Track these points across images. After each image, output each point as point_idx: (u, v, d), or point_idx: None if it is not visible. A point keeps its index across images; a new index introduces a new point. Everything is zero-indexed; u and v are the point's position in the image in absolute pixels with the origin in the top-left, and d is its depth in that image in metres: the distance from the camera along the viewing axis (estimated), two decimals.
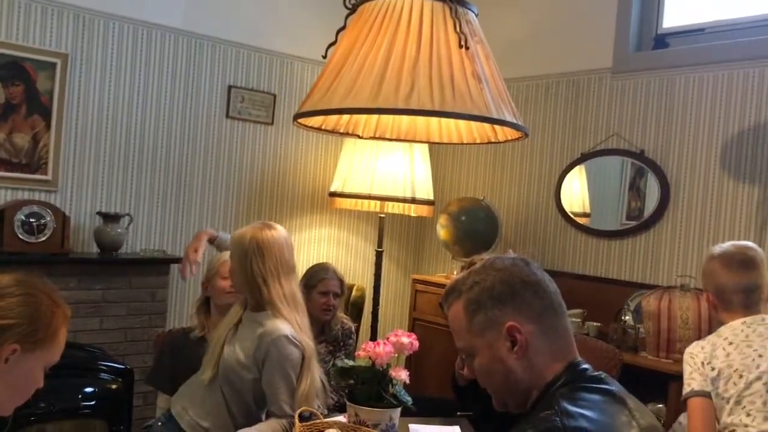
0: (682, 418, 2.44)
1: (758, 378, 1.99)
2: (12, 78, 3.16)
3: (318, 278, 2.96)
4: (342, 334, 3.04)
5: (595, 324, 3.35)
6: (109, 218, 3.35)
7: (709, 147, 3.32)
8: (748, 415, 1.97)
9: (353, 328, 3.12)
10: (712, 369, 2.07)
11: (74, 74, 3.34)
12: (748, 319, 2.11)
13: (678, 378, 2.77)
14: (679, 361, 2.92)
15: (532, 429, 1.12)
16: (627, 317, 3.27)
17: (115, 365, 3.09)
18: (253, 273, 2.16)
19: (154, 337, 3.12)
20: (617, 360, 2.76)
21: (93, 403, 2.93)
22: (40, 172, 3.26)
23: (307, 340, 2.19)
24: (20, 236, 3.04)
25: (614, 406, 1.18)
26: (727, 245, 2.22)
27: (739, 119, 3.22)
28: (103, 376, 3.04)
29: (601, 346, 2.87)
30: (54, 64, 3.25)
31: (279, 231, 2.23)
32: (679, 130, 3.42)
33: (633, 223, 3.58)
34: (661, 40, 3.60)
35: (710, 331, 2.92)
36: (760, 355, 2.01)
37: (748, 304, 2.14)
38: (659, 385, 2.85)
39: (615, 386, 1.24)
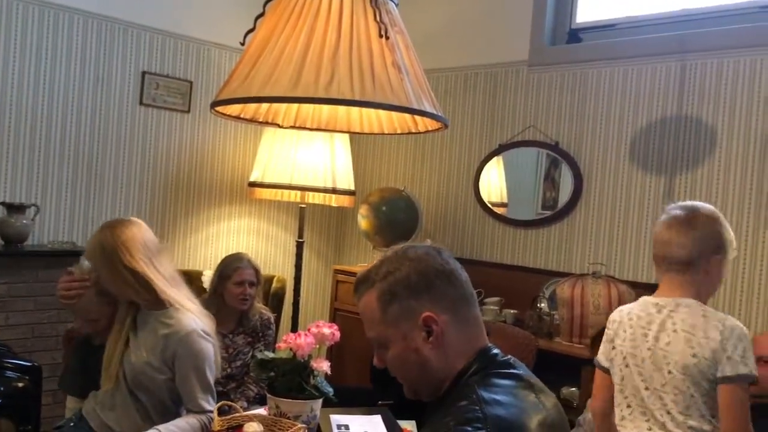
0: (588, 415, 2.50)
1: (642, 382, 1.91)
2: None
3: (232, 268, 2.91)
4: (261, 325, 3.00)
5: (512, 311, 3.44)
6: (14, 209, 3.18)
7: (619, 139, 3.44)
8: (629, 406, 1.94)
9: (272, 319, 3.09)
10: (613, 348, 2.01)
11: None
12: (661, 301, 1.94)
13: (590, 363, 2.88)
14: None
15: (453, 420, 1.12)
16: (542, 304, 3.37)
17: (22, 362, 2.95)
18: (129, 272, 2.05)
19: (63, 332, 2.99)
20: (533, 346, 2.84)
21: None
22: None
23: (206, 319, 2.16)
24: None
25: (524, 390, 1.22)
26: (680, 203, 2.00)
27: (647, 113, 3.36)
28: (9, 374, 2.89)
29: (517, 333, 2.95)
30: None
31: (127, 221, 2.14)
32: (591, 123, 3.54)
33: (548, 212, 3.68)
34: (575, 35, 3.71)
35: None
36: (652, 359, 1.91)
37: (662, 263, 1.96)
38: (572, 370, 2.95)
39: (522, 370, 1.27)
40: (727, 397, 1.82)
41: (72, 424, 2.17)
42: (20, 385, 2.88)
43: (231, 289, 2.89)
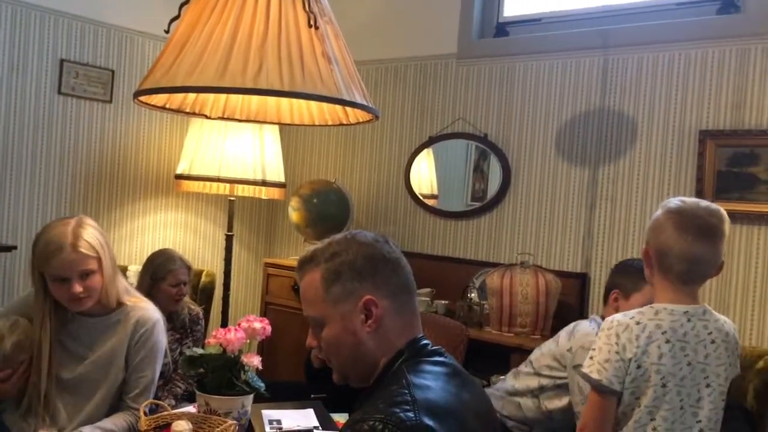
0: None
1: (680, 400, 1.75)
2: None
3: (166, 270, 2.84)
4: (189, 321, 2.94)
5: (443, 302, 3.47)
6: None
7: (545, 132, 3.52)
8: (654, 429, 1.74)
9: (201, 314, 3.03)
10: (638, 367, 1.74)
11: None
12: (690, 309, 1.77)
13: (519, 351, 2.95)
14: (520, 335, 3.11)
15: (383, 403, 1.14)
16: (472, 294, 3.42)
17: None
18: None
19: None
20: (464, 335, 2.88)
21: None
22: None
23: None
24: None
25: (451, 377, 1.26)
26: (690, 202, 1.82)
27: (572, 106, 3.44)
28: None
29: (449, 323, 2.98)
30: None
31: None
32: (519, 115, 3.60)
33: (477, 204, 3.73)
34: (502, 29, 3.77)
35: (548, 306, 3.14)
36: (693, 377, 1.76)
37: (687, 279, 1.78)
38: (502, 358, 3.00)
39: (450, 359, 1.32)
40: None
41: None
42: None
43: (165, 290, 2.83)
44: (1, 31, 3.36)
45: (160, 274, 2.84)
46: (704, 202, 1.82)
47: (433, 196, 3.95)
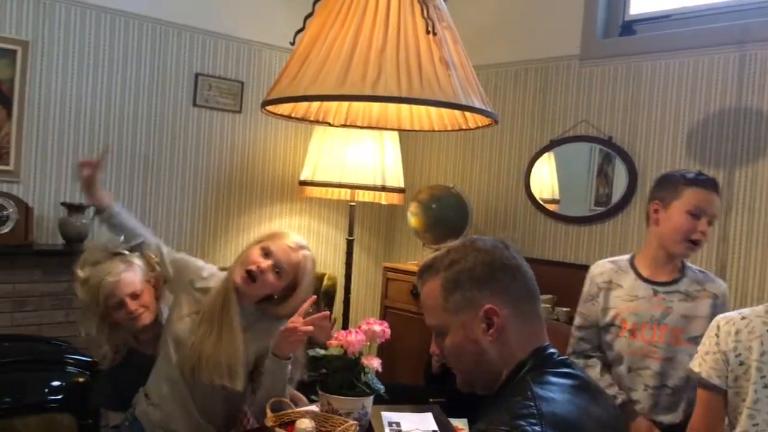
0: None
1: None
2: None
3: None
4: None
5: (564, 309, 3.38)
6: (74, 209, 3.28)
7: (675, 133, 3.35)
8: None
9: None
10: (740, 364, 1.68)
11: (36, 62, 3.26)
12: None
13: None
14: None
15: (508, 414, 1.12)
16: None
17: (82, 358, 3.04)
18: None
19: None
20: None
21: (60, 397, 2.88)
22: (1, 163, 3.18)
23: None
24: None
25: (579, 391, 1.21)
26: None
27: (704, 105, 3.26)
28: (70, 369, 2.99)
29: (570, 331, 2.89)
30: (14, 51, 3.17)
31: None
32: (646, 117, 3.45)
33: (601, 209, 3.61)
34: (628, 27, 3.63)
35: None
36: None
37: None
38: None
39: (578, 370, 1.27)
40: None
41: (127, 423, 2.21)
42: (80, 380, 2.97)
43: None
44: (145, 49, 3.61)
45: None
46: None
47: (554, 201, 3.86)
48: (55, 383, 2.90)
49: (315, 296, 2.10)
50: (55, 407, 2.82)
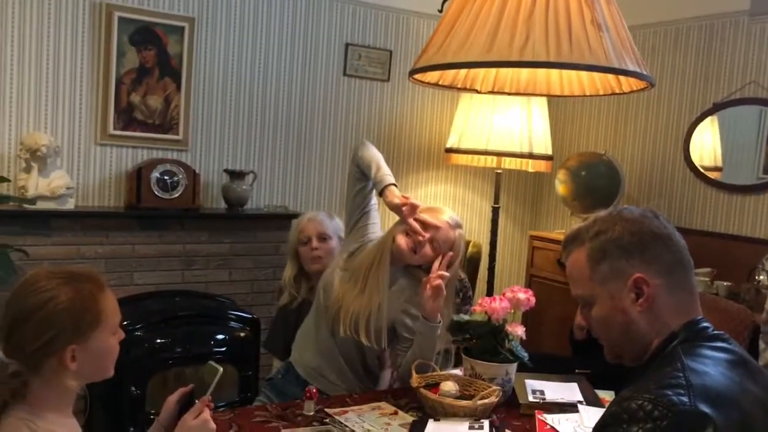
0: None
1: None
2: (145, 42, 3.33)
3: None
4: (461, 287, 3.05)
5: (725, 284, 3.19)
6: (235, 175, 3.50)
7: None
8: None
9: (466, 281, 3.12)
10: None
11: (200, 37, 3.48)
12: None
13: None
14: None
15: (655, 384, 1.09)
16: (761, 277, 3.08)
17: (244, 314, 3.28)
18: None
19: (277, 289, 3.25)
20: (749, 321, 2.62)
21: (224, 349, 3.13)
22: (171, 132, 3.45)
23: None
24: (156, 193, 3.25)
25: (735, 365, 1.15)
26: None
27: None
28: (233, 324, 3.23)
29: (731, 306, 2.74)
30: (182, 28, 3.40)
31: None
32: None
33: None
34: None
35: None
36: None
37: None
38: None
39: (735, 345, 1.20)
40: None
41: (280, 376, 2.36)
42: (242, 334, 3.20)
43: None
44: (298, 21, 3.75)
45: None
46: None
47: (716, 169, 3.62)
48: (220, 336, 3.15)
49: (452, 253, 2.14)
50: (220, 358, 3.04)
